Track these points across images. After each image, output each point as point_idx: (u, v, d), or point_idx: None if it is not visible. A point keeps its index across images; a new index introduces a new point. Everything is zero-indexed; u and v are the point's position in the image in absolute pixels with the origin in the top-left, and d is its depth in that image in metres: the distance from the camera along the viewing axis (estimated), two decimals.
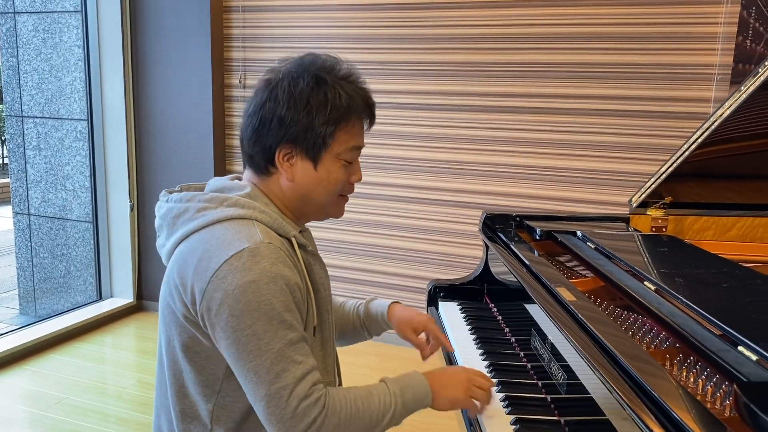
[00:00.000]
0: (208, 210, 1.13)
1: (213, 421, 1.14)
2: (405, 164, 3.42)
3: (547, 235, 1.84)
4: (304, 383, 1.06)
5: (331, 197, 1.20)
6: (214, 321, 1.05)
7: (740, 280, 1.31)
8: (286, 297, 1.06)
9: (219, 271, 1.04)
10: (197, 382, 1.13)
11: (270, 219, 1.14)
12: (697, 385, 1.04)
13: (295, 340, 1.06)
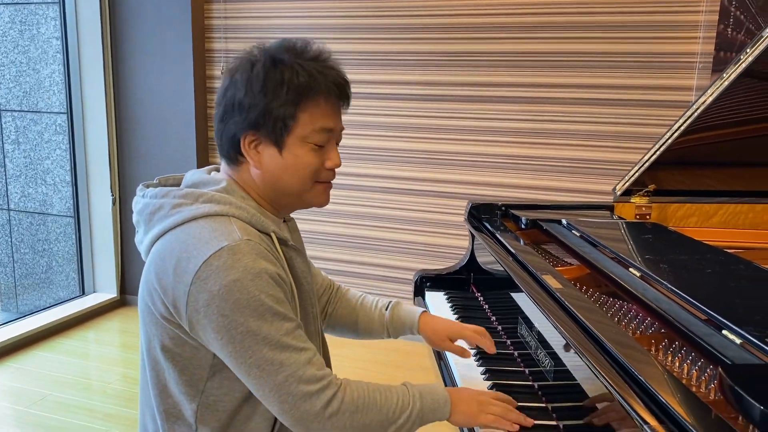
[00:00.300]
0: (183, 207, 1.10)
1: (198, 421, 1.12)
2: (388, 155, 3.41)
3: (533, 223, 1.84)
4: (310, 367, 1.05)
5: (304, 184, 1.14)
6: (204, 323, 1.02)
7: (723, 265, 1.33)
8: (274, 290, 1.04)
9: (200, 273, 1.01)
10: (180, 382, 1.11)
11: (247, 215, 1.10)
12: (682, 370, 1.05)
13: (291, 329, 1.05)
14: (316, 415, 1.05)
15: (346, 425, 1.07)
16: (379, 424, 1.10)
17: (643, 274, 1.31)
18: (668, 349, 1.12)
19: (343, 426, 1.07)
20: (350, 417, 1.07)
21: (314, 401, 1.05)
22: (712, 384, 1.00)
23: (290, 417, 1.05)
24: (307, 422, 1.06)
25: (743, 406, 0.80)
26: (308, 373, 1.05)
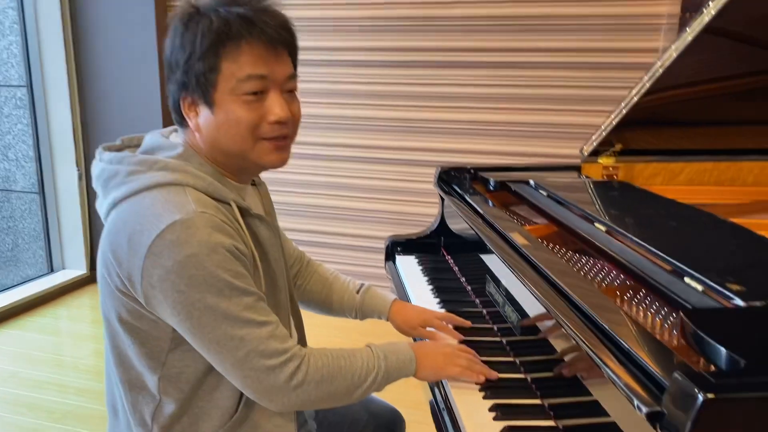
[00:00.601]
0: (137, 174, 1.05)
1: (161, 392, 1.09)
2: (358, 124, 3.39)
3: (501, 185, 1.85)
4: (272, 341, 1.03)
5: (243, 142, 1.06)
6: (160, 298, 0.99)
7: (687, 218, 1.34)
8: (231, 264, 1.00)
9: (153, 247, 0.97)
10: (140, 354, 1.08)
11: (204, 183, 1.05)
12: (647, 319, 1.06)
13: (251, 303, 1.02)
14: (281, 388, 1.04)
15: (312, 395, 1.07)
16: (346, 390, 1.10)
17: (608, 229, 1.32)
18: (633, 299, 1.14)
19: (309, 396, 1.06)
20: (316, 387, 1.06)
21: (278, 375, 1.03)
22: (675, 331, 1.01)
23: (254, 391, 1.04)
24: (271, 395, 1.05)
25: (703, 347, 0.82)
26: (270, 347, 1.03)
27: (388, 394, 1.50)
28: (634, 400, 0.79)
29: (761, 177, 1.89)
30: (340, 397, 1.11)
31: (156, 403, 1.10)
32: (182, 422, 1.11)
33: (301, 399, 1.06)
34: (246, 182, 1.17)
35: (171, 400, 1.10)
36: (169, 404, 1.10)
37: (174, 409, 1.10)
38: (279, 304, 1.17)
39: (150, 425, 1.11)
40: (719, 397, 0.68)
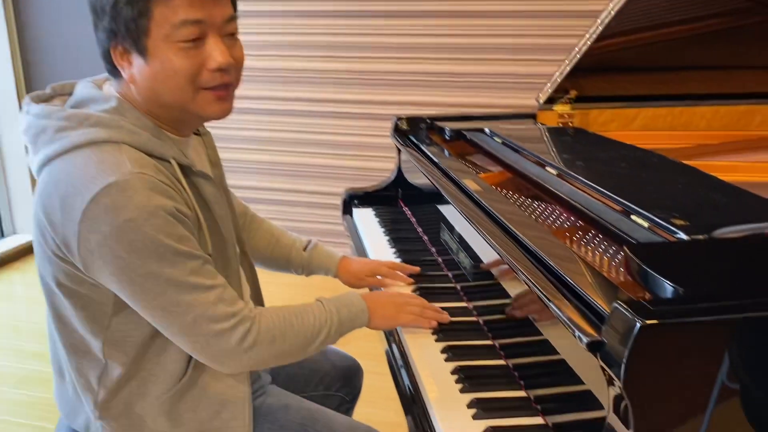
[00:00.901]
0: (67, 131, 0.97)
1: (106, 356, 1.06)
2: (311, 77, 3.31)
3: (457, 134, 1.83)
4: (220, 305, 0.99)
5: (183, 93, 0.99)
6: (99, 264, 0.94)
7: (638, 159, 1.35)
8: (173, 228, 0.95)
9: (87, 212, 0.91)
10: (82, 318, 1.04)
11: (141, 140, 0.98)
12: (595, 258, 1.07)
13: (197, 267, 0.98)
14: (232, 351, 1.01)
15: (265, 356, 1.04)
16: (299, 347, 1.08)
17: (559, 172, 1.31)
18: (583, 240, 1.14)
19: (261, 357, 1.04)
20: (268, 347, 1.04)
21: (228, 338, 1.00)
22: (622, 268, 1.02)
23: (205, 355, 1.01)
24: (222, 359, 1.02)
25: (645, 279, 0.82)
26: (219, 311, 0.99)
27: (348, 346, 1.51)
28: (575, 332, 0.79)
29: (713, 121, 1.91)
30: (294, 354, 1.09)
31: (102, 367, 1.07)
32: (130, 385, 1.08)
33: (254, 360, 1.04)
34: (187, 135, 1.11)
35: (117, 364, 1.06)
36: (116, 368, 1.06)
37: (121, 372, 1.06)
38: (228, 262, 1.12)
39: (96, 389, 1.08)
40: (657, 323, 0.69)
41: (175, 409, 1.09)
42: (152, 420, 1.09)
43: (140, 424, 1.10)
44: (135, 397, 1.08)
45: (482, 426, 0.95)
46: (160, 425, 1.09)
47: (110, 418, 1.09)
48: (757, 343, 0.75)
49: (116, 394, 1.08)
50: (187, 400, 1.09)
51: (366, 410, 1.58)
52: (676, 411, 0.74)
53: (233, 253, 1.14)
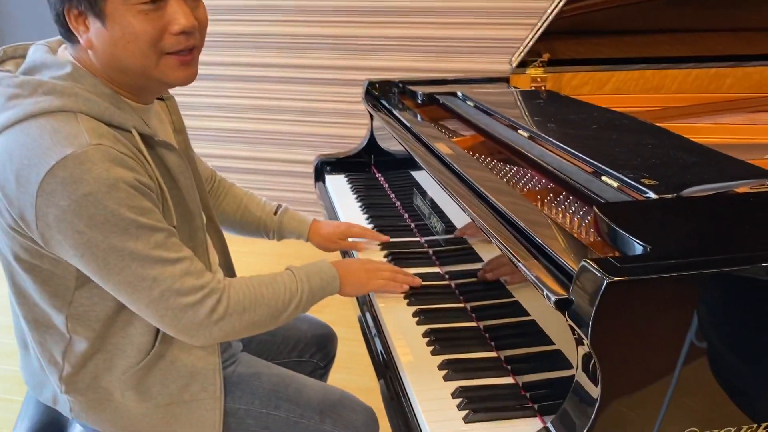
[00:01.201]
0: (20, 99, 0.92)
1: (70, 331, 1.03)
2: (282, 42, 3.24)
3: (430, 98, 1.81)
4: (187, 278, 0.97)
5: (145, 58, 0.95)
6: (59, 239, 0.91)
7: (609, 122, 1.34)
8: (135, 200, 0.91)
9: (44, 185, 0.87)
10: (44, 293, 1.01)
11: (99, 109, 0.93)
12: (566, 219, 1.07)
13: (161, 241, 0.95)
14: (201, 324, 0.99)
15: (236, 327, 1.02)
16: (270, 317, 1.06)
17: (531, 135, 1.31)
18: (553, 201, 1.14)
19: (232, 328, 1.02)
20: (238, 318, 1.02)
21: (197, 311, 0.98)
22: (592, 229, 1.02)
23: (174, 329, 0.99)
24: (192, 332, 0.99)
25: (612, 237, 0.82)
26: (186, 284, 0.96)
27: (321, 314, 1.50)
28: (544, 291, 0.79)
29: (685, 84, 1.91)
30: (266, 324, 1.07)
31: (66, 342, 1.04)
32: (96, 360, 1.05)
33: (225, 332, 1.02)
34: (149, 102, 1.06)
35: (82, 339, 1.03)
36: (80, 342, 1.04)
37: (86, 347, 1.04)
38: (194, 233, 1.09)
39: (61, 364, 1.06)
40: (624, 280, 0.69)
41: (144, 383, 1.07)
42: (120, 394, 1.07)
43: (108, 398, 1.08)
44: (101, 372, 1.06)
45: (453, 386, 0.96)
46: (129, 399, 1.07)
47: (77, 393, 1.07)
48: (724, 301, 0.75)
49: (82, 369, 1.06)
50: (155, 373, 1.07)
51: (340, 376, 1.59)
52: (644, 368, 0.75)
53: (200, 223, 1.11)
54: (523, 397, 0.94)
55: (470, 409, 0.90)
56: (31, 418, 1.21)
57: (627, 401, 0.74)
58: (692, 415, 0.76)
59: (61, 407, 1.12)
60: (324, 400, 1.18)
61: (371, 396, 1.26)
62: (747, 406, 0.78)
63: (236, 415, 1.14)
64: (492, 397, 0.94)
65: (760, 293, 0.75)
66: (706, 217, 0.88)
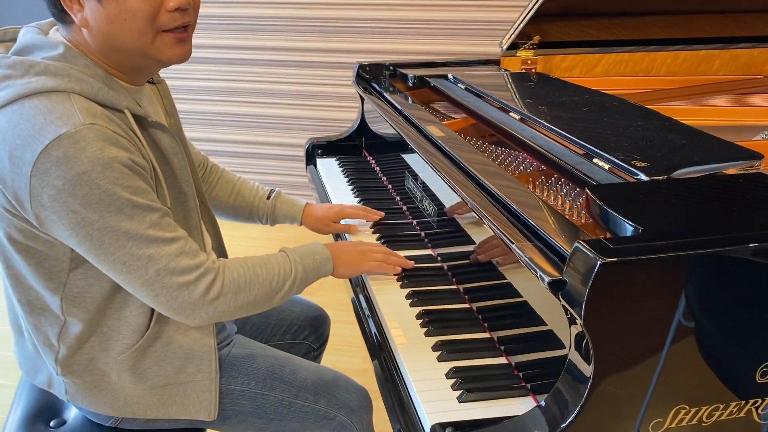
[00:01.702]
0: (12, 80, 0.92)
1: (65, 313, 1.03)
2: (272, 24, 3.22)
3: (420, 81, 1.81)
4: (182, 258, 0.97)
5: (142, 36, 0.95)
6: (54, 219, 0.91)
7: (599, 104, 1.35)
8: (130, 180, 0.92)
9: (38, 165, 0.87)
10: (38, 275, 1.01)
11: (92, 89, 0.94)
12: (557, 201, 1.08)
13: (156, 220, 0.95)
14: (196, 303, 1.00)
15: (231, 306, 1.03)
16: (265, 297, 1.07)
17: (522, 117, 1.31)
18: (545, 184, 1.15)
19: (227, 308, 1.03)
20: (233, 297, 1.03)
21: (192, 290, 0.98)
22: (584, 211, 1.03)
23: (169, 309, 1.00)
24: (187, 311, 1.00)
25: (603, 218, 0.83)
26: (181, 264, 0.97)
27: (314, 297, 1.51)
28: (537, 272, 0.80)
29: (674, 67, 1.92)
30: (260, 305, 1.08)
31: (61, 324, 1.05)
32: (91, 342, 1.06)
33: (220, 311, 1.03)
34: (141, 83, 1.07)
35: (77, 321, 1.04)
36: (75, 324, 1.04)
37: (81, 329, 1.04)
38: (188, 214, 1.10)
39: (57, 346, 1.06)
40: (616, 261, 0.70)
41: (140, 364, 1.08)
42: (116, 375, 1.08)
43: (104, 380, 1.09)
44: (97, 353, 1.07)
45: (447, 367, 0.97)
46: (125, 380, 1.08)
47: (72, 375, 1.08)
48: (713, 281, 0.77)
49: (77, 351, 1.06)
50: (151, 354, 1.08)
51: (334, 357, 1.60)
52: (636, 347, 0.76)
53: (193, 205, 1.11)
54: (516, 377, 0.95)
55: (464, 389, 0.91)
56: (26, 402, 1.22)
57: (619, 379, 0.76)
58: (682, 393, 0.78)
59: (57, 390, 1.12)
60: (318, 381, 1.19)
61: (364, 377, 1.28)
62: (735, 383, 0.80)
63: (232, 396, 1.15)
64: (485, 377, 0.95)
65: (749, 273, 0.77)
66: (696, 199, 0.89)
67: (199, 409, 1.12)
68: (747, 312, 0.78)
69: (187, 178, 1.09)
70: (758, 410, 0.80)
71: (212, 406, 1.12)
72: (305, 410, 1.17)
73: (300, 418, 1.17)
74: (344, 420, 1.19)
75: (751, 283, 0.77)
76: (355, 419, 1.20)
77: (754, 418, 0.81)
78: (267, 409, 1.16)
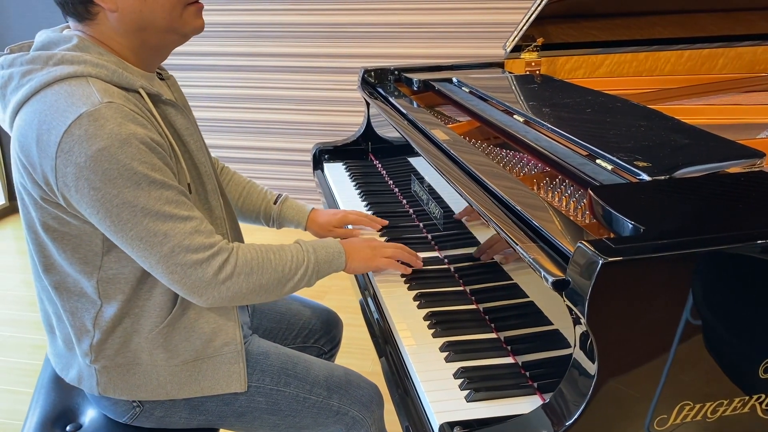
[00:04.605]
0: (33, 73, 0.99)
1: (101, 296, 1.07)
2: (277, 31, 3.25)
3: (425, 85, 1.82)
4: (197, 236, 1.01)
5: (173, 10, 1.02)
6: (78, 198, 0.96)
7: (602, 105, 1.36)
8: (147, 156, 0.96)
9: (62, 145, 0.93)
10: (74, 260, 1.05)
11: (107, 72, 0.99)
12: (561, 202, 1.09)
13: (172, 197, 0.99)
14: (209, 282, 1.03)
15: (242, 288, 1.06)
16: (276, 282, 1.10)
17: (526, 119, 1.33)
18: (549, 185, 1.16)
19: (239, 289, 1.06)
20: (245, 279, 1.06)
21: (205, 269, 1.02)
22: (587, 211, 1.04)
23: (182, 286, 1.03)
24: (200, 290, 1.03)
25: (606, 218, 0.84)
26: (196, 241, 1.01)
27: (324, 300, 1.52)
28: (541, 272, 0.81)
29: (678, 66, 1.93)
30: (271, 290, 1.10)
31: (97, 309, 1.08)
32: (124, 323, 1.09)
33: (232, 292, 1.05)
34: (152, 70, 1.12)
35: (112, 303, 1.08)
36: (111, 307, 1.08)
37: (116, 311, 1.08)
38: (208, 193, 1.14)
39: (92, 331, 1.09)
40: (618, 260, 0.71)
41: (170, 340, 1.11)
42: (148, 354, 1.11)
43: (136, 362, 1.12)
44: (129, 335, 1.10)
45: (455, 367, 0.98)
46: (157, 358, 1.11)
47: (105, 360, 1.11)
48: (715, 279, 0.78)
49: (111, 334, 1.10)
50: (179, 330, 1.11)
51: (344, 360, 1.61)
52: (639, 345, 0.77)
53: (212, 187, 1.15)
54: (523, 376, 0.96)
55: (472, 389, 0.92)
56: (43, 408, 1.24)
57: (623, 377, 0.77)
58: (686, 389, 0.79)
59: (86, 384, 1.14)
60: (330, 377, 1.22)
61: (374, 380, 1.29)
62: (739, 380, 0.81)
63: (247, 393, 1.17)
64: (493, 376, 0.96)
65: (751, 271, 0.78)
66: (698, 198, 0.90)
67: (229, 382, 1.15)
68: (749, 309, 0.79)
69: (204, 159, 1.14)
70: (762, 405, 0.81)
71: (242, 378, 1.15)
72: (319, 406, 1.19)
73: (314, 413, 1.19)
74: (357, 415, 1.21)
75: (753, 280, 0.78)
76: (367, 414, 1.22)
77: (758, 414, 0.82)
78: (282, 405, 1.18)
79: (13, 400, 2.13)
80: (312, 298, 1.58)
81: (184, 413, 1.17)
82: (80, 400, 1.25)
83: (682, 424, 0.80)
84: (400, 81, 1.96)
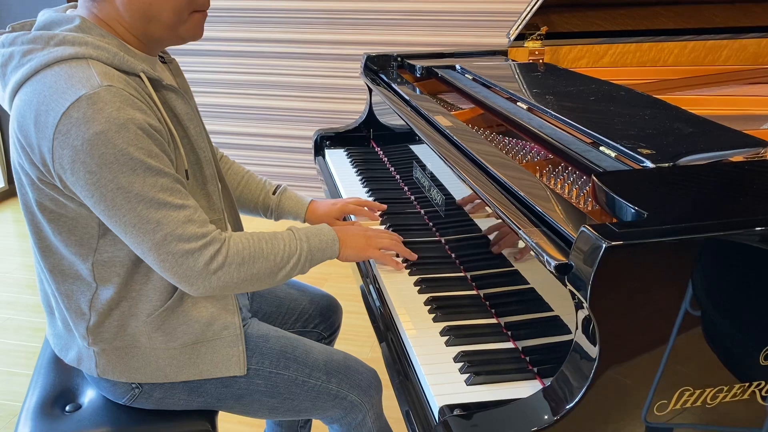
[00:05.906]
0: (34, 53, 0.98)
1: (97, 279, 1.07)
2: (279, 17, 3.23)
3: (428, 72, 1.82)
4: (190, 225, 1.00)
5: (181, 12, 1.02)
6: (73, 181, 0.95)
7: (606, 93, 1.36)
8: (144, 142, 0.95)
9: (60, 127, 0.92)
10: (69, 243, 1.05)
11: (108, 55, 0.98)
12: (564, 189, 1.09)
13: (167, 185, 0.99)
14: (200, 272, 1.02)
15: (234, 278, 1.05)
16: (268, 272, 1.09)
17: (530, 106, 1.32)
18: (553, 172, 1.16)
19: (230, 279, 1.05)
20: (237, 269, 1.05)
21: (196, 258, 1.01)
22: (590, 197, 1.04)
23: (173, 275, 1.02)
24: (191, 279, 1.02)
25: (609, 204, 0.84)
26: (188, 231, 1.00)
27: (324, 286, 1.52)
28: (544, 257, 0.81)
29: (681, 57, 1.92)
30: (264, 279, 1.10)
31: (93, 292, 1.08)
32: (121, 307, 1.09)
33: (223, 281, 1.05)
34: (154, 55, 1.11)
35: (108, 286, 1.07)
36: (106, 290, 1.08)
37: (112, 294, 1.08)
38: (207, 179, 1.13)
39: (88, 314, 1.09)
40: (621, 244, 0.71)
41: (169, 323, 1.11)
42: (147, 337, 1.11)
43: (134, 345, 1.12)
44: (127, 318, 1.10)
45: (455, 351, 0.98)
46: (156, 341, 1.11)
47: (103, 342, 1.11)
48: (718, 265, 0.78)
49: (108, 317, 1.09)
50: (178, 314, 1.11)
51: (343, 347, 1.61)
52: (641, 330, 0.77)
53: (211, 173, 1.14)
54: (522, 361, 0.96)
55: (472, 372, 0.93)
56: (42, 388, 1.24)
57: (625, 362, 0.77)
58: (687, 375, 0.79)
59: (86, 366, 1.15)
60: (330, 361, 1.22)
61: (372, 366, 1.30)
62: (739, 366, 0.81)
63: (246, 375, 1.17)
64: (493, 360, 0.96)
65: (753, 258, 0.78)
66: (701, 185, 0.90)
67: (228, 365, 1.15)
68: (750, 296, 0.79)
69: (203, 145, 1.13)
70: (762, 392, 0.82)
71: (241, 362, 1.15)
72: (318, 389, 1.20)
73: (312, 397, 1.19)
74: (355, 399, 1.21)
75: (755, 267, 0.78)
76: (365, 398, 1.22)
77: (757, 400, 0.82)
78: (281, 388, 1.19)
79: (12, 381, 2.13)
80: (313, 283, 1.58)
81: (183, 395, 1.17)
82: (79, 381, 1.26)
83: (682, 410, 0.80)
84: (402, 67, 1.95)
